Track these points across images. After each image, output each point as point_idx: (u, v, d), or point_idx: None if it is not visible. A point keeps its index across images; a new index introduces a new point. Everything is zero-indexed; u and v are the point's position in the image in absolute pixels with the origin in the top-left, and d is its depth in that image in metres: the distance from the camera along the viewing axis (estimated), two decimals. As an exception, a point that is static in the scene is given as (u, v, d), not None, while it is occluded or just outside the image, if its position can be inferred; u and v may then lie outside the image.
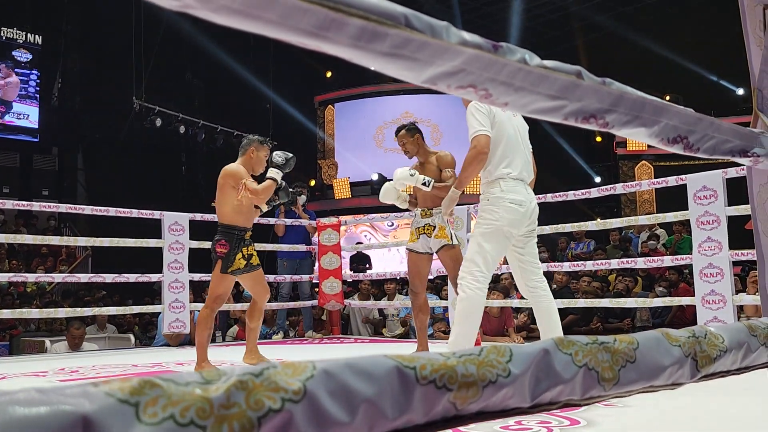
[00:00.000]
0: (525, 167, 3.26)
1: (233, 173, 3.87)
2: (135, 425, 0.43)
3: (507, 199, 3.14)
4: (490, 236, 3.14)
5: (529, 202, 3.20)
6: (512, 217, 3.12)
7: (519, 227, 3.16)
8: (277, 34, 0.62)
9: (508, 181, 3.17)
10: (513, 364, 0.66)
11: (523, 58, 0.81)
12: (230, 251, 3.86)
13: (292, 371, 0.52)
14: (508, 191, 3.15)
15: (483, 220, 3.17)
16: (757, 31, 1.38)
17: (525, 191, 3.21)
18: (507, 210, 3.12)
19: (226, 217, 3.92)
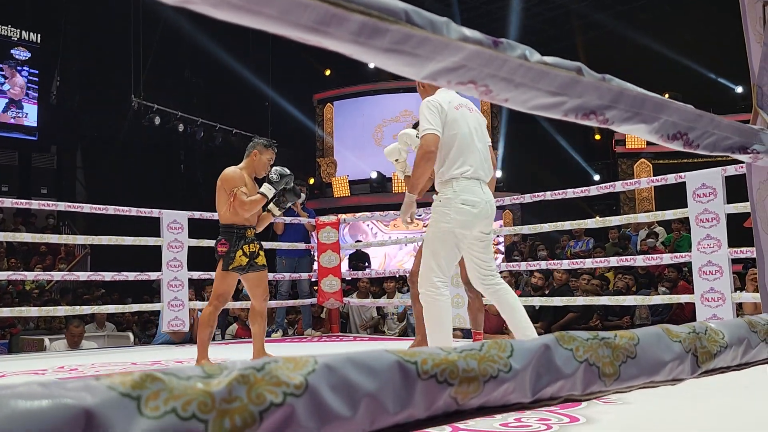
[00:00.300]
0: (480, 166, 3.18)
1: (228, 178, 3.92)
2: (137, 419, 0.43)
3: (459, 200, 3.08)
4: (442, 240, 3.09)
5: (484, 203, 3.13)
6: (463, 219, 3.07)
7: (471, 228, 3.10)
8: (277, 29, 0.62)
9: (461, 182, 3.11)
10: (514, 359, 0.66)
11: (523, 55, 0.81)
12: (230, 249, 3.89)
13: (294, 366, 0.52)
14: (461, 192, 3.09)
15: (434, 223, 3.13)
16: (757, 28, 1.38)
17: (480, 191, 3.14)
18: (458, 211, 3.07)
19: (224, 217, 3.96)
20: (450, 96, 3.23)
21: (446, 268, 3.11)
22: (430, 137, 3.09)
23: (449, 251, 3.10)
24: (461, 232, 3.08)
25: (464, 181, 3.10)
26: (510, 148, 14.83)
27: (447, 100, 3.17)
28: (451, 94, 3.25)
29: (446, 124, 3.13)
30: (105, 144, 13.43)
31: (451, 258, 3.12)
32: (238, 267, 3.90)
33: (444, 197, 3.11)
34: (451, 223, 3.06)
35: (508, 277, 7.22)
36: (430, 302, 3.07)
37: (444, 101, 3.17)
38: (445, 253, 3.10)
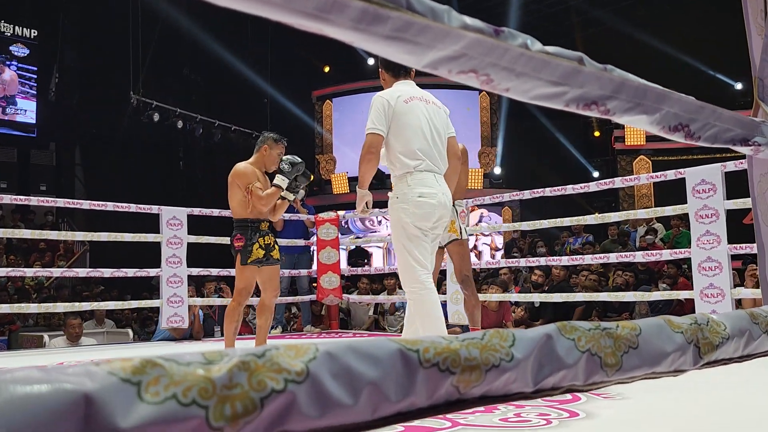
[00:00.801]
0: (434, 159, 3.14)
1: (240, 174, 3.95)
2: (137, 404, 0.42)
3: (415, 194, 3.05)
4: (410, 236, 3.07)
5: (441, 194, 3.10)
6: (422, 212, 3.05)
7: (431, 219, 3.08)
8: (279, 16, 0.62)
9: (415, 174, 3.08)
10: (516, 349, 0.66)
11: (524, 44, 0.80)
12: (246, 243, 3.93)
13: (295, 353, 0.51)
14: (416, 185, 3.06)
15: (395, 221, 3.11)
16: (758, 20, 1.38)
17: (435, 182, 3.11)
18: (416, 205, 3.05)
19: (237, 212, 4.00)
20: (402, 89, 3.21)
21: (424, 262, 3.08)
22: (369, 138, 3.11)
23: (420, 244, 3.08)
24: (423, 224, 3.05)
25: (418, 173, 3.07)
26: (509, 144, 14.83)
27: (396, 94, 3.15)
28: (406, 87, 3.23)
29: (393, 119, 3.11)
30: (104, 141, 13.41)
31: (426, 251, 3.10)
32: (256, 260, 3.94)
33: (400, 193, 3.10)
34: (412, 217, 3.04)
35: (508, 274, 7.22)
36: (418, 299, 3.05)
37: (392, 96, 3.15)
38: (417, 248, 3.07)
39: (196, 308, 6.06)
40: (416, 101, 3.16)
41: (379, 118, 3.12)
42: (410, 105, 3.14)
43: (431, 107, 3.21)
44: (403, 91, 3.19)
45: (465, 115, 14.26)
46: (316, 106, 15.84)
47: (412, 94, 3.18)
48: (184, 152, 14.83)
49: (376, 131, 3.11)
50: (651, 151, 14.20)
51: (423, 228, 3.07)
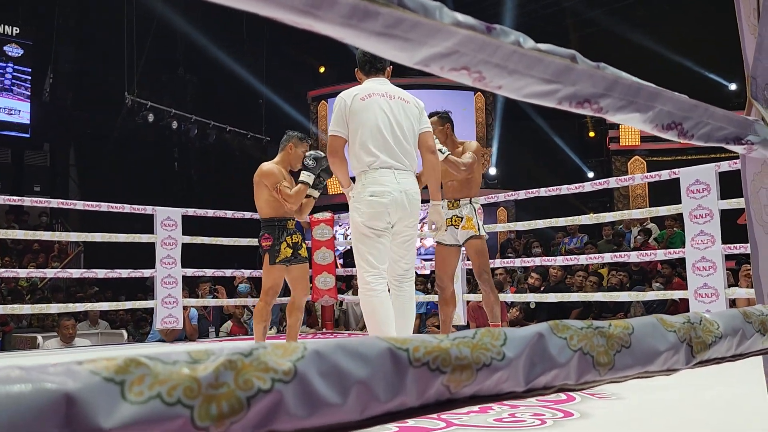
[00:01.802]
0: (395, 154, 3.03)
1: (267, 173, 3.97)
2: (120, 404, 0.42)
3: (368, 192, 2.99)
4: (360, 236, 3.03)
5: (397, 192, 2.99)
6: (372, 211, 2.97)
7: (385, 218, 2.98)
8: (268, 11, 0.61)
9: (370, 173, 3.01)
10: (507, 348, 0.65)
11: (517, 41, 0.80)
12: (274, 242, 3.94)
13: (283, 352, 0.51)
14: (369, 183, 3.00)
15: (351, 221, 3.07)
16: (751, 19, 1.38)
17: (392, 180, 3.00)
18: (367, 204, 2.98)
19: (264, 211, 4.02)
20: (365, 87, 3.17)
21: (377, 262, 3.01)
22: (330, 140, 3.11)
23: (372, 245, 3.01)
24: (375, 224, 2.98)
25: (372, 172, 3.01)
26: (504, 145, 14.83)
27: (354, 93, 3.11)
28: (372, 84, 3.18)
29: (350, 117, 3.06)
30: (98, 141, 13.37)
31: (377, 251, 3.02)
32: (284, 259, 3.94)
33: (355, 192, 3.07)
34: (363, 217, 2.99)
35: (503, 274, 7.22)
36: (364, 300, 3.02)
37: (350, 95, 3.12)
38: (368, 249, 3.02)
39: (187, 310, 6.04)
40: (375, 97, 3.08)
41: (337, 119, 3.10)
42: (367, 102, 3.07)
43: (395, 102, 3.11)
44: (364, 89, 3.15)
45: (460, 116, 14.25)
46: (312, 107, 15.82)
47: (372, 91, 3.11)
48: (179, 153, 14.79)
49: (333, 132, 3.10)
50: (646, 151, 14.23)
51: (375, 228, 2.99)
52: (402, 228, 3.07)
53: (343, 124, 3.09)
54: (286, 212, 3.99)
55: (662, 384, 2.74)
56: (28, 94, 12.72)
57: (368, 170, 3.02)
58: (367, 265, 3.02)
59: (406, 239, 3.12)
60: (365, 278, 3.02)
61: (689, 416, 2.31)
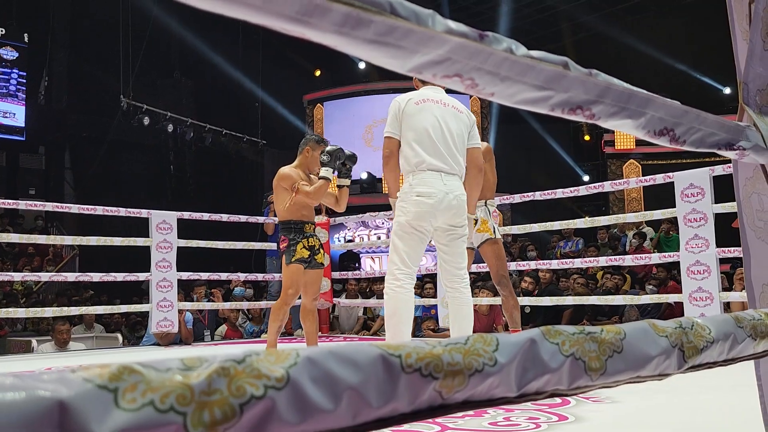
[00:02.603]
0: (444, 158, 3.09)
1: (285, 176, 3.97)
2: (113, 411, 0.42)
3: (414, 193, 3.04)
4: (401, 234, 3.06)
5: (443, 194, 3.04)
6: (418, 210, 3.02)
7: (429, 220, 3.04)
8: (259, 19, 0.62)
9: (418, 174, 3.07)
10: (499, 353, 0.66)
11: (509, 48, 0.80)
12: (290, 243, 3.95)
13: (276, 358, 0.51)
14: (417, 184, 3.05)
15: (395, 218, 3.11)
16: (743, 25, 1.39)
17: (439, 182, 3.06)
18: (414, 204, 3.03)
19: (282, 214, 4.03)
20: (420, 93, 3.23)
21: (409, 261, 3.06)
22: (385, 142, 3.17)
23: (410, 245, 3.06)
24: (419, 223, 3.03)
25: (420, 173, 3.06)
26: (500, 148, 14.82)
27: (409, 97, 3.18)
28: (427, 90, 3.24)
29: (403, 120, 3.13)
30: (94, 144, 13.35)
31: (412, 251, 3.07)
32: (300, 259, 3.94)
33: (402, 191, 3.10)
34: (408, 216, 3.03)
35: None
36: (390, 295, 3.05)
37: (404, 98, 3.19)
38: (406, 247, 3.06)
39: (183, 314, 6.03)
40: (429, 103, 3.15)
41: (392, 121, 3.16)
42: (421, 106, 3.14)
43: (448, 109, 3.19)
44: (419, 94, 3.22)
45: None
46: (308, 110, 15.82)
47: (426, 97, 3.19)
48: (175, 156, 14.79)
49: (388, 134, 3.17)
50: (641, 155, 14.27)
51: (418, 228, 3.04)
52: (449, 227, 3.10)
53: (396, 125, 3.15)
54: (304, 216, 4.00)
55: (656, 387, 2.75)
56: (23, 97, 12.70)
57: (416, 171, 3.07)
58: (401, 263, 3.05)
59: (454, 237, 3.13)
60: (395, 274, 3.04)
61: (682, 420, 2.32)
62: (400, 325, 3.01)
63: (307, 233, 4.01)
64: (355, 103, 15.28)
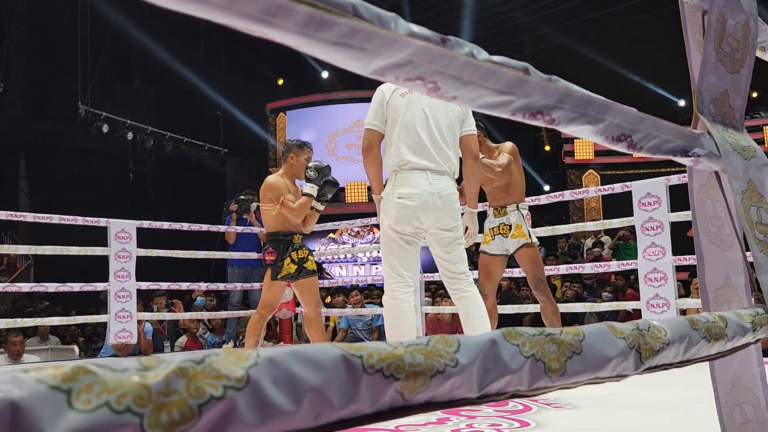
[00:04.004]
0: (431, 155, 2.85)
1: (271, 186, 3.90)
2: (66, 412, 0.41)
3: (396, 194, 2.83)
4: (386, 241, 2.87)
5: (428, 194, 2.81)
6: (400, 214, 2.81)
7: (411, 223, 2.81)
8: (222, 18, 0.61)
9: (400, 174, 2.85)
10: (461, 354, 0.66)
11: (471, 52, 0.81)
12: (277, 258, 3.87)
13: (236, 359, 0.50)
14: (399, 185, 2.84)
15: (381, 225, 2.92)
16: (697, 36, 1.43)
17: (424, 182, 2.82)
18: (395, 207, 2.82)
19: (269, 225, 3.96)
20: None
21: (402, 269, 2.85)
22: (365, 133, 2.95)
23: (397, 252, 2.86)
24: (402, 228, 2.82)
25: (403, 173, 2.85)
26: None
27: (394, 87, 2.89)
28: None
29: (388, 112, 2.90)
30: (50, 152, 13.07)
31: (405, 258, 2.86)
32: (286, 275, 3.88)
33: (385, 193, 2.92)
34: (390, 220, 2.84)
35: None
36: (387, 309, 2.88)
37: (389, 88, 2.94)
38: (395, 255, 2.86)
39: (142, 325, 5.92)
40: (416, 94, 2.84)
41: (375, 111, 2.93)
42: (407, 98, 2.89)
43: (437, 101, 2.86)
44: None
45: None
46: (270, 119, 15.75)
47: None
48: (134, 164, 14.56)
49: (369, 125, 2.93)
50: (599, 165, 14.54)
51: (402, 232, 2.83)
52: (438, 230, 2.88)
53: (380, 117, 2.92)
54: (292, 226, 3.93)
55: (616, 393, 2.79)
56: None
57: (399, 171, 2.86)
58: (393, 272, 2.86)
59: (447, 241, 2.91)
60: (390, 286, 2.86)
61: (642, 424, 2.36)
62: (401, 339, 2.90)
63: (296, 245, 3.94)
64: (318, 112, 15.27)
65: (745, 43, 1.49)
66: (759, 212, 1.34)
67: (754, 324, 1.19)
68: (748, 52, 1.49)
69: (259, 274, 6.88)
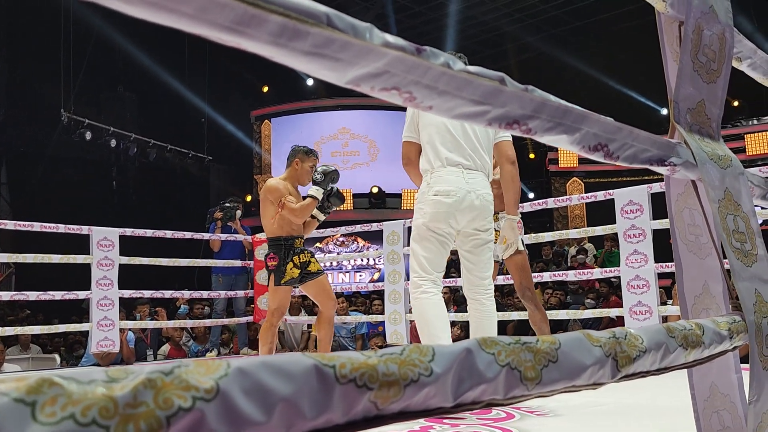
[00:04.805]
0: (465, 152, 2.83)
1: (272, 189, 3.83)
2: (30, 425, 0.40)
3: (432, 192, 2.79)
4: (418, 238, 2.82)
5: (465, 192, 2.77)
6: (436, 211, 2.77)
7: (447, 221, 2.78)
8: (194, 28, 0.61)
9: (437, 171, 2.82)
10: (435, 363, 0.66)
11: (446, 63, 0.82)
12: (280, 263, 3.81)
13: (205, 369, 0.50)
14: (435, 183, 2.80)
15: (413, 221, 2.88)
16: (674, 46, 1.44)
17: (460, 179, 2.79)
18: (431, 204, 2.78)
19: (270, 230, 3.88)
20: None
21: (430, 267, 2.80)
22: (403, 147, 2.95)
23: (429, 249, 2.80)
24: (437, 225, 2.78)
25: (439, 170, 2.81)
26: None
27: None
28: None
29: (420, 119, 2.91)
30: (32, 159, 12.96)
31: (434, 256, 2.81)
32: (290, 280, 3.82)
33: (420, 193, 2.87)
34: (425, 217, 2.78)
35: (447, 294, 7.27)
36: (415, 304, 2.80)
37: None
38: (424, 252, 2.81)
39: (125, 333, 5.87)
40: None
41: (408, 124, 2.94)
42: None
43: None
44: None
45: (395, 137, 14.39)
46: (255, 126, 15.72)
47: None
48: (117, 172, 14.46)
49: (406, 138, 2.95)
50: (583, 173, 14.63)
51: (436, 231, 2.79)
52: (472, 231, 2.84)
53: (413, 128, 2.92)
54: (293, 230, 3.86)
55: (599, 400, 2.80)
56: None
57: (434, 169, 2.82)
58: (421, 270, 2.80)
59: (478, 243, 2.87)
60: (416, 282, 2.80)
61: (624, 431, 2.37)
62: (434, 330, 2.72)
63: (297, 249, 3.88)
64: (303, 119, 15.27)
65: (721, 54, 1.50)
66: (735, 220, 1.36)
67: (731, 331, 1.20)
68: (725, 63, 1.51)
69: (243, 281, 6.86)
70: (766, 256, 1.39)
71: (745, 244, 1.36)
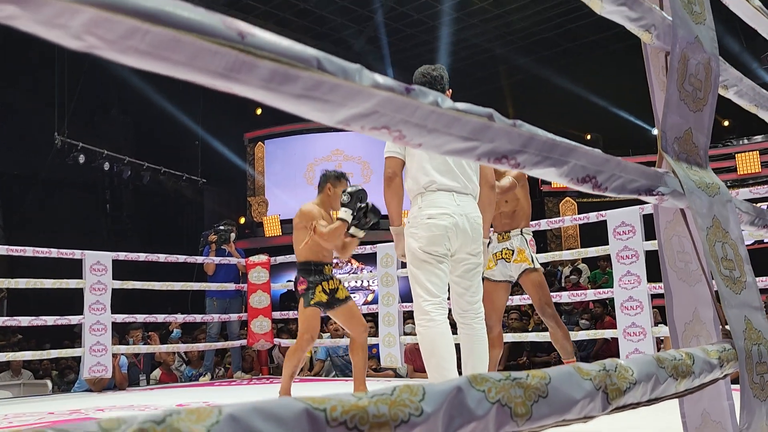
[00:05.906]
0: (455, 176, 2.82)
1: (305, 214, 3.86)
2: (22, 480, 0.41)
3: (425, 216, 2.76)
4: (416, 262, 2.78)
5: (458, 216, 2.76)
6: (431, 234, 2.74)
7: (443, 244, 2.75)
8: (186, 75, 0.62)
9: (426, 195, 2.80)
10: (426, 403, 0.67)
11: (435, 101, 0.83)
12: (309, 286, 3.84)
13: (197, 417, 0.51)
14: (426, 206, 2.78)
15: (407, 247, 2.83)
16: (660, 76, 1.46)
17: (452, 203, 2.78)
18: (425, 227, 2.75)
19: (301, 255, 3.91)
20: None
21: (435, 290, 2.75)
22: (387, 161, 2.90)
23: (430, 270, 2.76)
24: (434, 249, 2.75)
25: (430, 194, 2.79)
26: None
27: None
28: None
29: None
30: (25, 183, 12.94)
31: (436, 278, 2.77)
32: (318, 303, 3.83)
33: (411, 216, 2.83)
34: (420, 242, 2.75)
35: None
36: (422, 333, 2.73)
37: None
38: (425, 275, 2.76)
39: (117, 358, 5.83)
40: None
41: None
42: None
43: None
44: None
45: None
46: (248, 148, 15.74)
47: None
48: (111, 195, 14.44)
49: (390, 153, 2.88)
50: (576, 193, 14.68)
51: (434, 253, 2.75)
52: (464, 255, 2.82)
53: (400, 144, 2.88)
54: (324, 257, 3.89)
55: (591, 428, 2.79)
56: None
57: (425, 192, 2.80)
58: (426, 294, 2.75)
59: (469, 268, 2.85)
60: (423, 308, 2.74)
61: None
62: (442, 362, 2.69)
63: (327, 275, 3.90)
64: (297, 141, 15.30)
65: (707, 82, 1.53)
66: (724, 248, 1.37)
67: (721, 360, 1.21)
68: (711, 91, 1.53)
69: (237, 305, 6.83)
70: (755, 283, 1.40)
71: (734, 271, 1.37)
